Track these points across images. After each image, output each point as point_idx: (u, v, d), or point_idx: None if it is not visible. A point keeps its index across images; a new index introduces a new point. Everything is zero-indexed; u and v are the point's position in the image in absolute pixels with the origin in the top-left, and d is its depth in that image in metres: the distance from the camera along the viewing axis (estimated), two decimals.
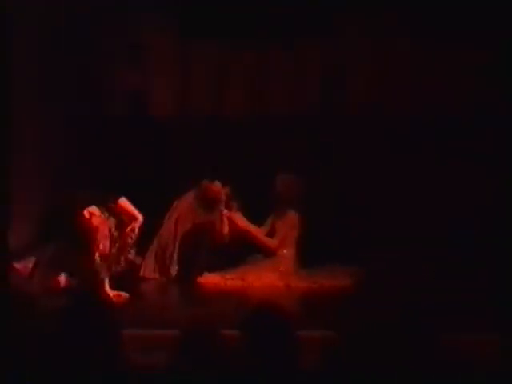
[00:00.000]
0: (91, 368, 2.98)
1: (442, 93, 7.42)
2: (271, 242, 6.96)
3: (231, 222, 6.94)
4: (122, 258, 6.20)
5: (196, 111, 7.64)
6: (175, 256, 6.91)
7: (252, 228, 6.96)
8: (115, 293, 6.06)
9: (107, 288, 6.06)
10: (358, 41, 7.42)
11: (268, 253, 6.99)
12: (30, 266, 6.42)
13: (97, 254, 6.04)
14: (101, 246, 6.01)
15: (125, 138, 7.48)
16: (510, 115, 6.86)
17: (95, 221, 5.98)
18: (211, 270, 6.85)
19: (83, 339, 3.02)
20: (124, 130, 7.54)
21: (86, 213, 6.00)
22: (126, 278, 6.36)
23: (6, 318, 3.21)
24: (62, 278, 6.18)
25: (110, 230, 6.10)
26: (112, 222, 6.11)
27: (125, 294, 6.08)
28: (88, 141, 7.32)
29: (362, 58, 7.41)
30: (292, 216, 6.98)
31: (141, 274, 6.88)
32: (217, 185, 6.96)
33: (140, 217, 6.13)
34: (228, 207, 6.95)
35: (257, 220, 7.03)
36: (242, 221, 6.93)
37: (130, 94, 7.70)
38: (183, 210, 7.02)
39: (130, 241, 6.21)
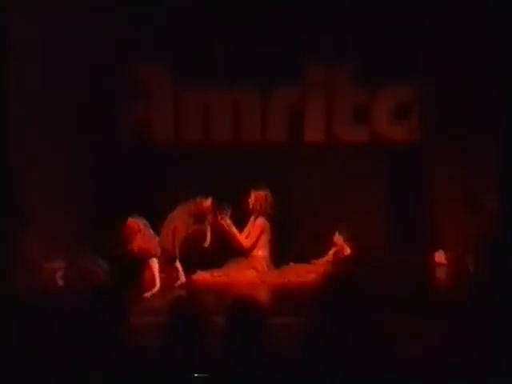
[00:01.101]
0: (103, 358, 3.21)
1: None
2: (244, 243, 7.72)
3: (220, 224, 7.65)
4: None
5: (188, 139, 8.36)
6: (177, 262, 7.51)
7: (234, 230, 7.73)
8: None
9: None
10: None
11: (244, 253, 7.75)
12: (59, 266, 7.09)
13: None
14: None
15: (128, 162, 8.10)
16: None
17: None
18: (202, 268, 7.61)
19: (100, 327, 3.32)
20: (127, 154, 8.19)
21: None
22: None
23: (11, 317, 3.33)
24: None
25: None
26: None
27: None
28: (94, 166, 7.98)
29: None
30: (263, 223, 7.84)
31: None
32: (208, 202, 7.63)
33: None
34: (219, 214, 7.63)
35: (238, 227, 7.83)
36: (227, 224, 7.69)
37: (134, 123, 8.35)
38: (178, 222, 7.53)
39: None
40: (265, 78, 8.14)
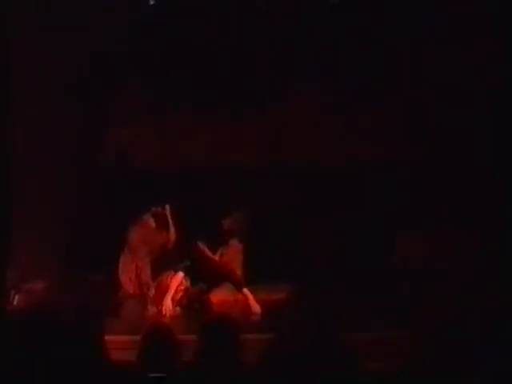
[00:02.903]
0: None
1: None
2: (218, 264, 7.83)
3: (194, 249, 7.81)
4: None
5: (168, 163, 8.64)
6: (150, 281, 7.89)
7: (207, 252, 7.92)
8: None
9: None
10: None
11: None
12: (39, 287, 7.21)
13: None
14: None
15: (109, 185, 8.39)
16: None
17: None
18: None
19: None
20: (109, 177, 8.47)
21: None
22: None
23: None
24: None
25: None
26: None
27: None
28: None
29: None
30: (236, 245, 8.06)
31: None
32: (171, 232, 8.07)
33: None
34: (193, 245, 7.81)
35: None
36: (200, 248, 7.89)
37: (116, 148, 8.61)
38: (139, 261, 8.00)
39: None
40: (242, 104, 8.53)
